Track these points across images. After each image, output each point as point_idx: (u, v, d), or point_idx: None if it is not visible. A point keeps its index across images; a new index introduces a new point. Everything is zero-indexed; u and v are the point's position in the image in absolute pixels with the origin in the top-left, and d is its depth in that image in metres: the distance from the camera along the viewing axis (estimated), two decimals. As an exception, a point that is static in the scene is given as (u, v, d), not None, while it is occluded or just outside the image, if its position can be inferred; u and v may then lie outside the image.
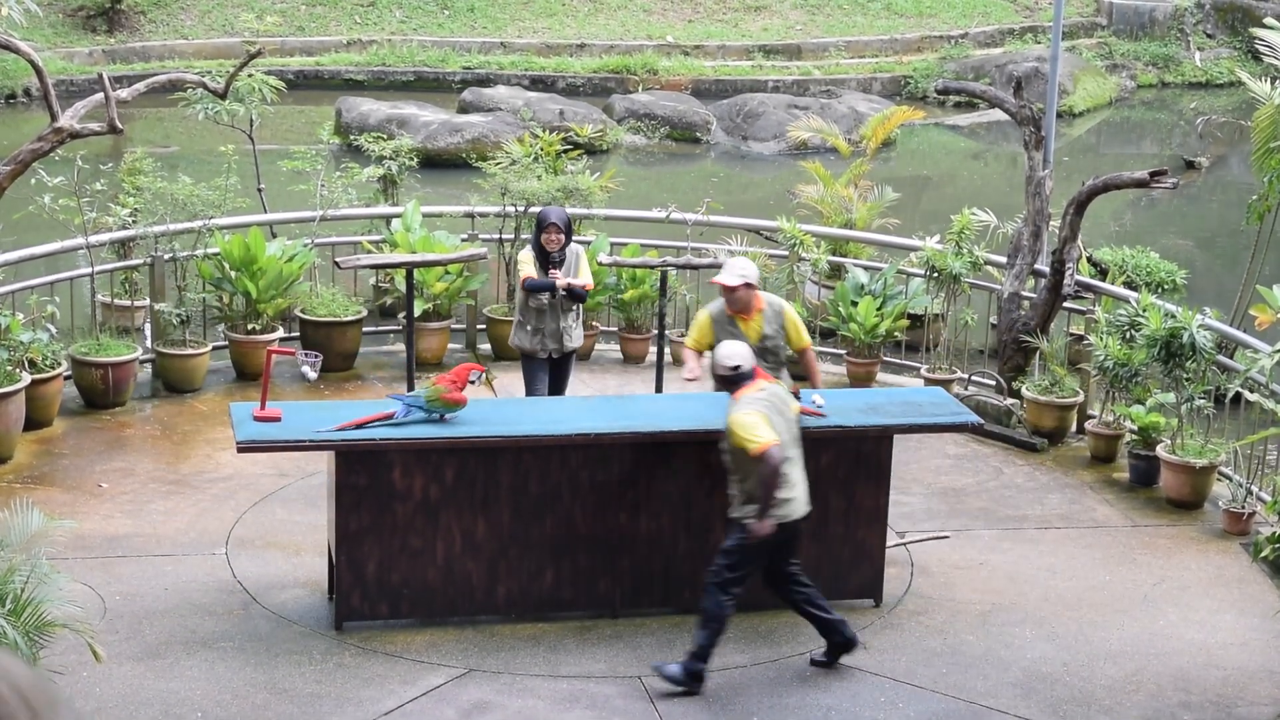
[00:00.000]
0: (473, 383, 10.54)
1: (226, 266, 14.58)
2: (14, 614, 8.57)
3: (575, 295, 12.66)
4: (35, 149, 13.12)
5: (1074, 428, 14.25)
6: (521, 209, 15.49)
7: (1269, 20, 16.73)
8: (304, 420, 10.50)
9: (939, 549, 12.00)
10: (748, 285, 11.22)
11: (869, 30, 33.13)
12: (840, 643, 10.26)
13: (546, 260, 12.56)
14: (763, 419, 9.78)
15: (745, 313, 11.30)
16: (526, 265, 12.65)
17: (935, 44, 32.86)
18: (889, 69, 31.98)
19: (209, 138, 23.16)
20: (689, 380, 11.40)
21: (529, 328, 12.66)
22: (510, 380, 14.37)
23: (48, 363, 13.43)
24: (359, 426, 10.30)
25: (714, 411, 10.85)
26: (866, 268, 16.01)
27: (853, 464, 10.93)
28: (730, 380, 10.04)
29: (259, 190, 17.17)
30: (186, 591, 10.89)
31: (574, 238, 13.09)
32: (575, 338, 12.84)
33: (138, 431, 13.61)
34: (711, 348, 10.95)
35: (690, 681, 9.92)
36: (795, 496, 9.95)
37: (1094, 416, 13.96)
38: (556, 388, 12.85)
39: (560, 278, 12.48)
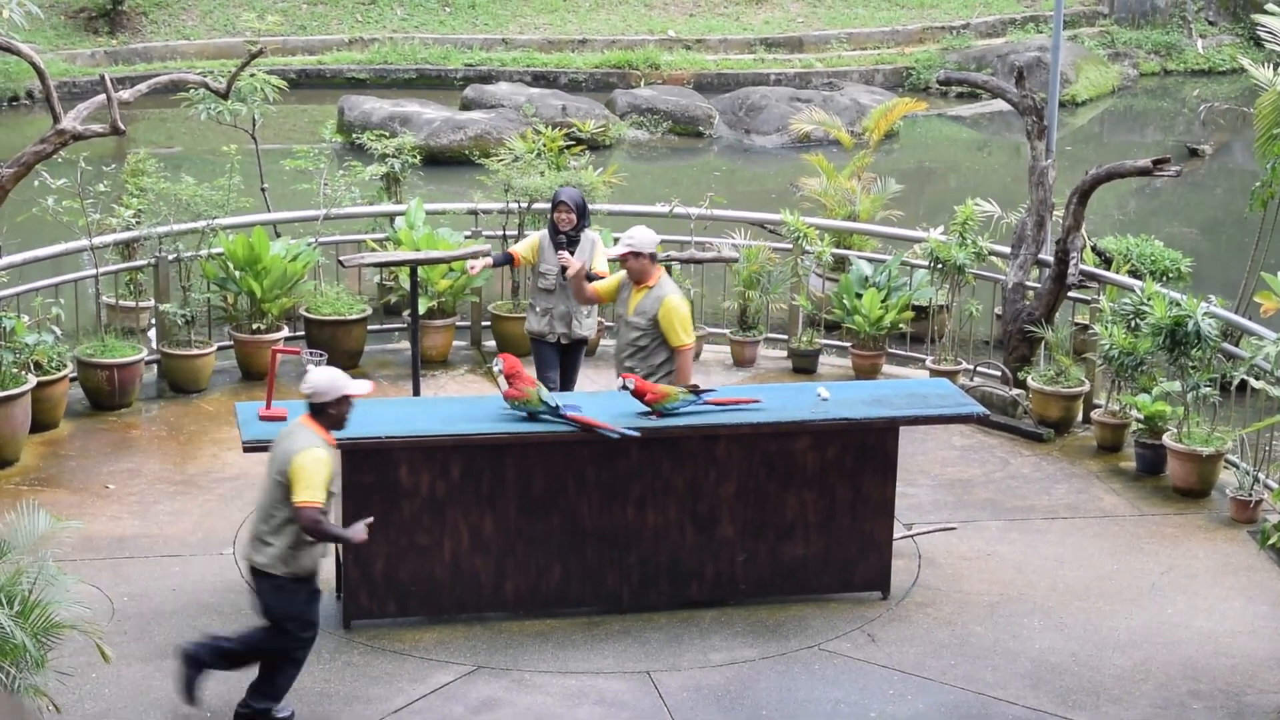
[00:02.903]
0: (623, 389, 10.74)
1: (231, 266, 14.58)
2: (22, 615, 8.58)
3: (587, 279, 12.62)
4: (38, 151, 13.12)
5: (1080, 417, 14.24)
6: (525, 205, 15.49)
7: (1270, 6, 16.71)
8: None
9: (946, 540, 12.00)
10: (634, 254, 11.49)
11: (870, 22, 33.11)
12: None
13: (557, 238, 12.62)
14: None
15: (638, 282, 11.60)
16: (521, 242, 12.84)
17: (937, 35, 32.83)
18: (891, 60, 31.96)
19: (212, 138, 23.17)
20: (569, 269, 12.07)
21: (538, 309, 12.75)
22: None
23: (53, 365, 13.43)
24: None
25: (718, 406, 10.86)
26: (870, 260, 16.01)
27: (859, 456, 10.92)
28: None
29: (262, 190, 17.17)
30: (194, 592, 10.90)
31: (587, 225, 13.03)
32: (586, 325, 12.85)
33: (144, 432, 13.62)
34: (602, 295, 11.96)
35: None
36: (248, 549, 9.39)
37: (1100, 406, 13.95)
38: (566, 380, 12.85)
39: (569, 259, 12.42)
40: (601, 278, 12.52)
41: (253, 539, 9.26)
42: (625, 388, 10.69)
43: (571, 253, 12.54)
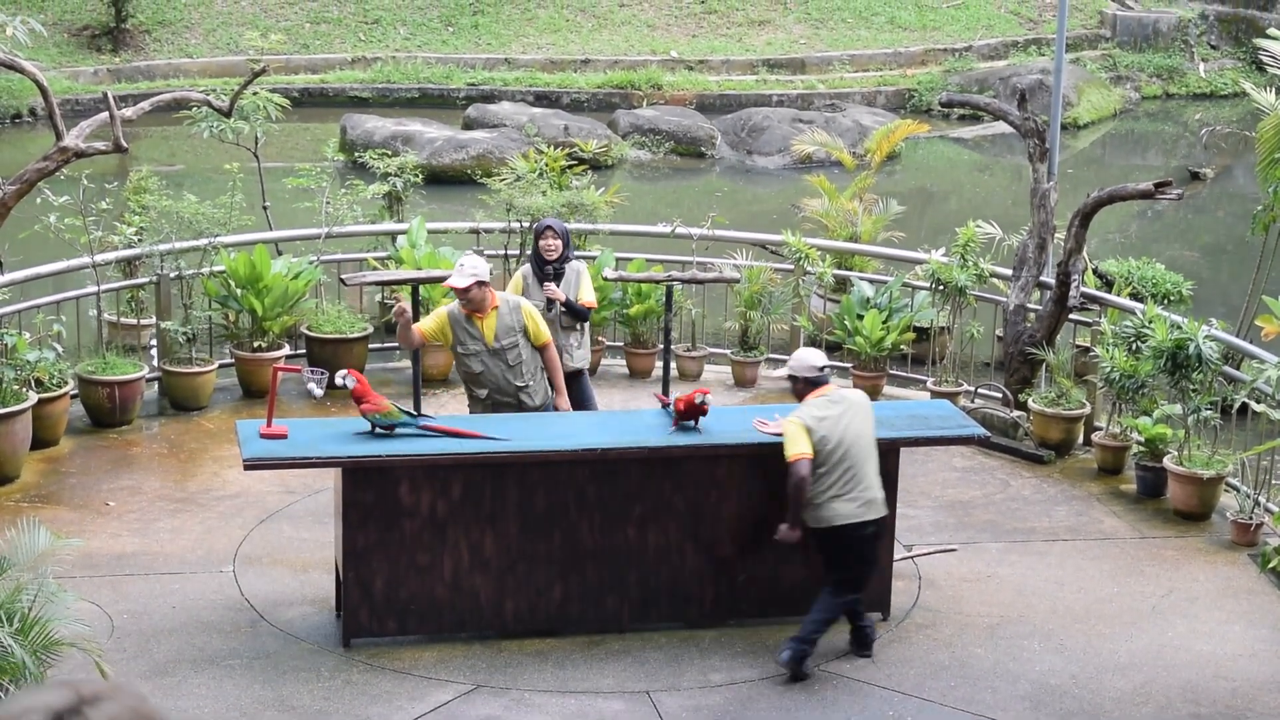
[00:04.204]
0: (699, 405, 10.77)
1: (232, 284, 14.59)
2: (22, 633, 8.57)
3: (576, 313, 12.63)
4: (41, 168, 13.14)
5: (1081, 440, 14.23)
6: (527, 225, 15.51)
7: (1272, 31, 16.74)
8: (310, 437, 10.51)
9: (946, 562, 11.99)
10: (480, 284, 11.35)
11: (873, 44, 33.16)
12: (803, 653, 10.30)
13: (543, 269, 12.57)
14: (803, 430, 10.20)
15: (480, 311, 11.42)
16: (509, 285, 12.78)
17: (939, 57, 32.88)
18: (893, 82, 32.00)
19: (214, 156, 23.19)
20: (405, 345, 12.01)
21: None
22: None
23: (54, 382, 13.43)
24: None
25: (719, 426, 10.86)
26: (872, 281, 16.01)
27: (859, 477, 10.90)
28: (810, 383, 10.50)
29: (264, 208, 17.19)
30: (194, 609, 10.89)
31: (577, 253, 13.07)
32: (577, 357, 12.74)
33: (144, 450, 13.62)
34: (447, 346, 11.65)
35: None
36: (829, 506, 10.25)
37: (1101, 428, 13.95)
38: (581, 408, 12.69)
39: (556, 292, 12.44)
40: (591, 308, 12.61)
41: (877, 497, 10.33)
42: (666, 407, 10.95)
43: (557, 284, 12.54)
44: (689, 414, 10.72)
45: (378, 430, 10.47)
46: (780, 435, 10.43)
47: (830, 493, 10.25)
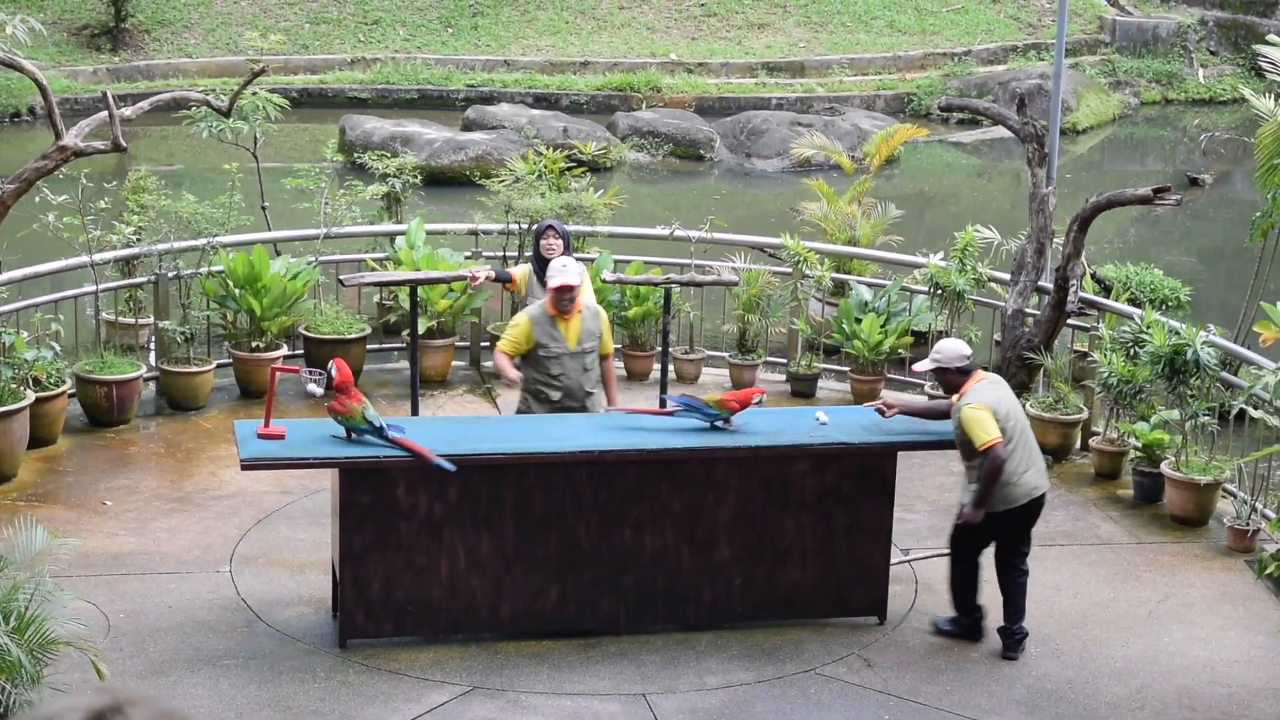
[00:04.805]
0: (758, 403, 10.84)
1: (230, 284, 14.59)
2: (18, 631, 8.58)
3: None
4: (39, 167, 13.13)
5: (1078, 445, 14.24)
6: (525, 226, 15.51)
7: (1271, 37, 16.74)
8: (308, 438, 10.51)
9: (943, 566, 11.97)
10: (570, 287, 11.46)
11: (872, 48, 33.16)
12: (969, 626, 10.89)
13: (545, 269, 12.54)
14: (990, 413, 10.38)
15: (568, 313, 11.43)
16: (516, 268, 12.81)
17: (938, 61, 32.89)
18: (892, 86, 32.00)
19: (213, 156, 23.18)
20: (510, 385, 11.65)
21: None
22: (513, 400, 14.36)
23: (52, 381, 13.43)
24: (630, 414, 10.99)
25: (758, 426, 10.85)
26: (870, 285, 16.02)
27: (857, 481, 10.92)
28: (962, 372, 10.62)
29: (263, 208, 17.18)
30: (190, 609, 10.89)
31: (575, 256, 13.06)
32: None
33: (142, 449, 13.61)
34: (528, 353, 11.39)
35: (958, 629, 10.95)
36: (1022, 481, 10.50)
37: (1098, 433, 13.95)
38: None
39: None
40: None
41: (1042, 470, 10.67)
42: (758, 401, 10.98)
43: None
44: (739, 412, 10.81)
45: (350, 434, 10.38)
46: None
47: (1022, 467, 10.51)
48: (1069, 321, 14.59)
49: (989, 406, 10.43)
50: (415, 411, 13.37)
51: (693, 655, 10.56)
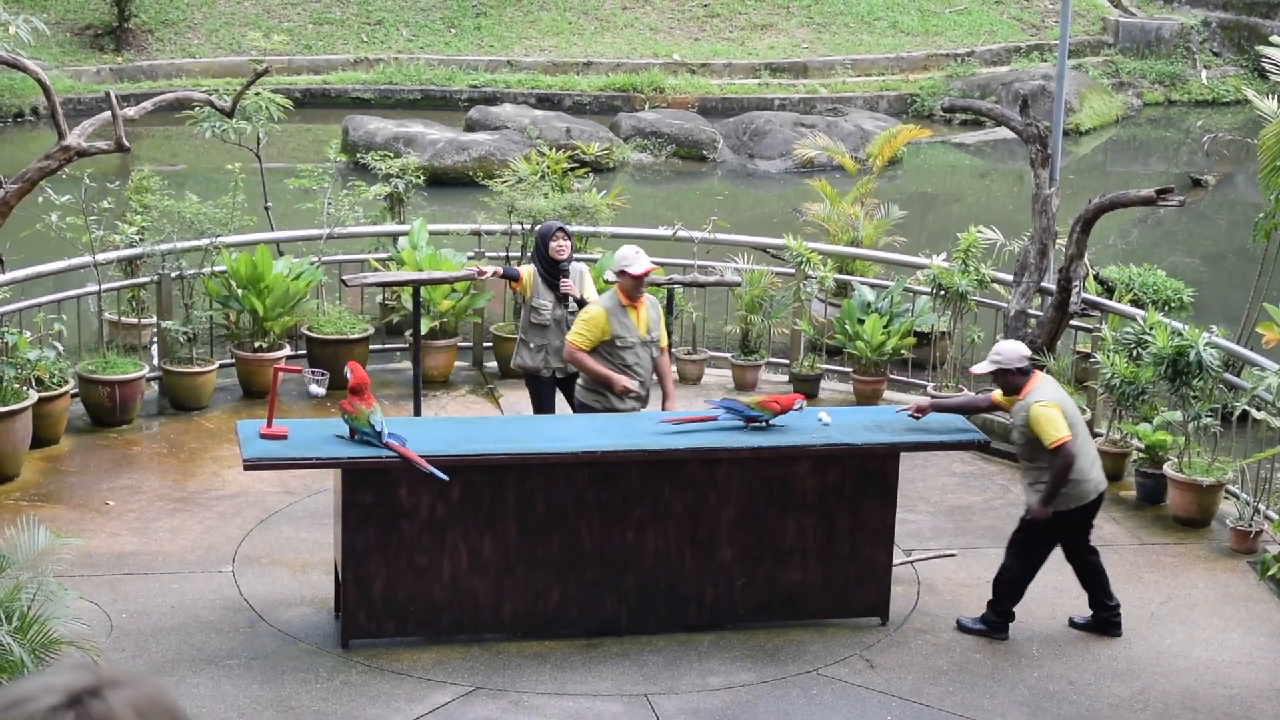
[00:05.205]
0: (798, 409, 10.89)
1: (233, 284, 14.59)
2: (20, 631, 8.58)
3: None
4: (43, 167, 13.14)
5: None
6: (528, 227, 15.51)
7: (1275, 38, 16.74)
8: (310, 438, 10.51)
9: (946, 567, 11.99)
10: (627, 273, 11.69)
11: (875, 48, 33.15)
12: (997, 623, 10.94)
13: (555, 271, 12.54)
14: (1060, 411, 10.49)
15: (637, 302, 11.63)
16: (523, 267, 12.89)
17: (941, 62, 32.88)
18: (895, 87, 31.99)
19: (216, 156, 23.19)
20: (625, 391, 11.57)
21: (531, 345, 12.60)
22: (516, 400, 14.38)
23: (55, 380, 13.43)
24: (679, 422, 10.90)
25: (719, 427, 10.86)
26: (873, 285, 16.01)
27: (859, 481, 10.92)
28: (1022, 373, 10.68)
29: (266, 208, 17.19)
30: (193, 609, 10.90)
31: (577, 256, 13.10)
32: None
33: (144, 449, 13.62)
34: (599, 346, 11.49)
35: (990, 629, 10.92)
36: (1090, 478, 10.65)
37: (1101, 434, 13.94)
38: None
39: (574, 288, 12.47)
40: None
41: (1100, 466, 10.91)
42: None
43: None
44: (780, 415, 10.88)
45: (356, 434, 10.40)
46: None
47: (1088, 464, 10.67)
48: (1072, 323, 14.58)
49: (1059, 404, 10.51)
50: (418, 412, 13.37)
51: (695, 656, 10.56)
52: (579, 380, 11.89)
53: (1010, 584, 10.93)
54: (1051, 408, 10.49)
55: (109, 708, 2.65)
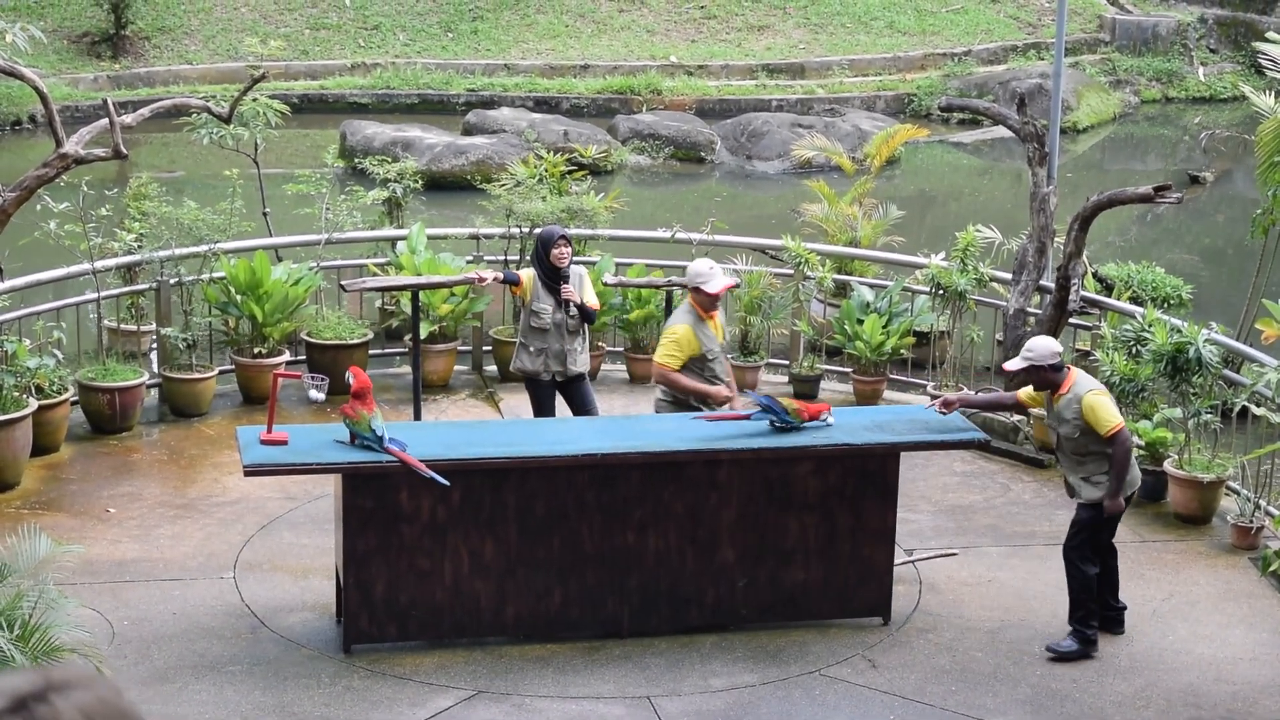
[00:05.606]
0: (825, 420, 10.94)
1: (232, 290, 14.59)
2: (22, 639, 8.57)
3: (586, 316, 12.66)
4: (40, 175, 13.14)
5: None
6: (527, 230, 15.51)
7: (1271, 35, 16.74)
8: (310, 443, 10.51)
9: (947, 566, 11.99)
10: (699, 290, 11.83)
11: (872, 49, 33.15)
12: (1110, 617, 11.00)
13: (555, 276, 12.54)
14: (1111, 398, 10.66)
15: (712, 312, 11.83)
16: (523, 271, 12.91)
17: (938, 61, 32.88)
18: (892, 87, 31.98)
19: (214, 162, 23.17)
20: (722, 401, 11.61)
21: (531, 349, 12.60)
22: (516, 404, 14.38)
23: (54, 388, 13.44)
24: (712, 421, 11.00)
25: (719, 430, 10.86)
26: (872, 285, 16.01)
27: (860, 481, 10.92)
28: (1056, 369, 10.65)
29: (264, 214, 17.19)
30: (194, 615, 10.90)
31: (576, 259, 13.12)
32: (580, 361, 12.75)
33: (145, 456, 13.62)
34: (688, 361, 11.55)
35: (1086, 647, 10.72)
36: (1136, 462, 10.82)
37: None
38: (583, 413, 12.68)
39: (574, 294, 12.48)
40: (595, 310, 12.74)
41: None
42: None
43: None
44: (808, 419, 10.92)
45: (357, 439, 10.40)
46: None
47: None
48: (1071, 320, 14.59)
49: (1107, 394, 10.67)
50: (418, 416, 13.36)
51: (697, 657, 10.56)
52: (659, 395, 11.88)
53: (1106, 581, 10.99)
54: (1104, 395, 10.66)
55: (55, 712, 2.61)
